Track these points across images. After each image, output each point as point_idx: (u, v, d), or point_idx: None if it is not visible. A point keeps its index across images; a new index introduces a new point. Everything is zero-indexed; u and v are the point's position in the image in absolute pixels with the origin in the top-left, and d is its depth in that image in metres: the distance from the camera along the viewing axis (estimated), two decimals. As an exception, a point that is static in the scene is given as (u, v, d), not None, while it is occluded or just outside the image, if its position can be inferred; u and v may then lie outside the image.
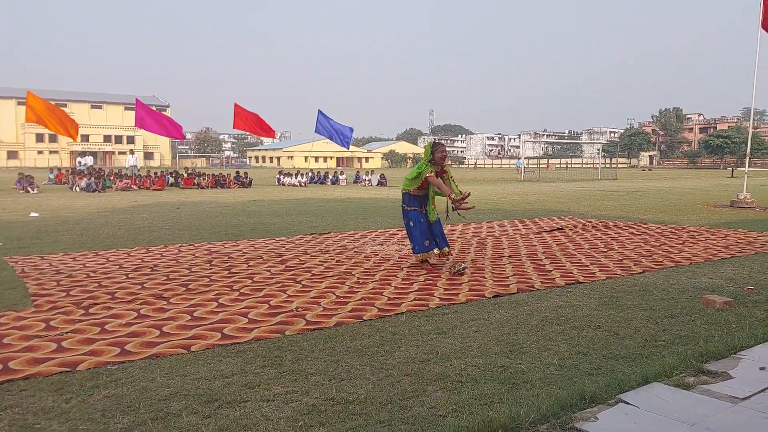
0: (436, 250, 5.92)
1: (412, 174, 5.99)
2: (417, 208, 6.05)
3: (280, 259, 6.61)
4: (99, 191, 21.59)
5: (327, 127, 26.20)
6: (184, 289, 5.15)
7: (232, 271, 5.94)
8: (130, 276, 5.70)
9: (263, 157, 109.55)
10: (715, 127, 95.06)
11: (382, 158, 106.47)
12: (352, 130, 26.53)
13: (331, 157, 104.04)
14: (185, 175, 26.48)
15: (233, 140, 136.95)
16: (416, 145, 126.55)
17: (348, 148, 27.84)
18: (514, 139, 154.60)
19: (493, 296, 4.84)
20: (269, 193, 21.19)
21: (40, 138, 78.02)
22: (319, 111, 26.27)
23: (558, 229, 9.45)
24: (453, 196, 5.68)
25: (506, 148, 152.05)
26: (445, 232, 9.17)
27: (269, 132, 25.15)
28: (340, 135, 26.23)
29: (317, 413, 2.82)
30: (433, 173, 5.89)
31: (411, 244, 5.96)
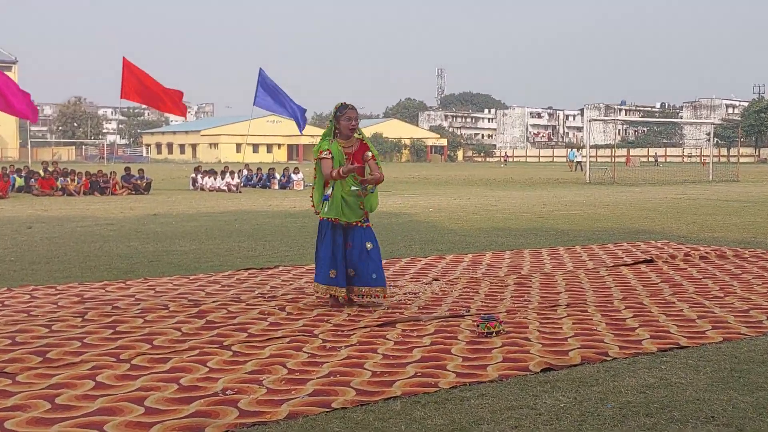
0: (341, 290, 6.56)
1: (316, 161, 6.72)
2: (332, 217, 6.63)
3: (197, 310, 6.60)
4: None
5: (274, 96, 26.25)
6: (41, 359, 5.10)
7: (118, 330, 5.91)
8: (-50, 338, 5.63)
9: (169, 145, 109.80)
10: None
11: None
12: (304, 110, 26.61)
13: (281, 146, 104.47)
14: (42, 174, 26.38)
15: (121, 118, 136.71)
16: (416, 125, 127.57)
17: (301, 131, 27.91)
18: (574, 116, 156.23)
19: (542, 369, 4.86)
20: (179, 203, 21.17)
21: None
22: (261, 72, 26.35)
23: (646, 261, 9.53)
24: (343, 171, 6.44)
25: (561, 131, 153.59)
26: (462, 263, 9.20)
27: (177, 106, 25.14)
28: (290, 110, 26.29)
29: None
30: (328, 152, 6.54)
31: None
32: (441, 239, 12.08)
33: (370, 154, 6.74)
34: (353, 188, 6.60)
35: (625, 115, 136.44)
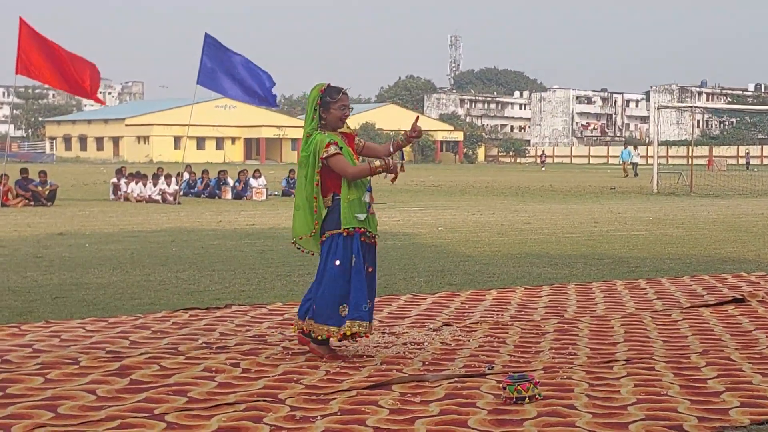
0: (334, 328, 6.71)
1: (302, 163, 6.82)
2: (338, 230, 6.76)
3: (118, 365, 6.56)
4: None
5: (225, 71, 26.26)
6: None
7: (9, 392, 5.87)
8: None
9: (82, 139, 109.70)
10: None
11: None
12: (271, 82, 26.60)
13: (235, 140, 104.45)
14: None
15: (17, 101, 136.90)
16: (421, 112, 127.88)
17: (274, 104, 27.94)
18: (638, 101, 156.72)
19: (593, 449, 4.84)
20: (95, 218, 21.11)
21: None
22: (207, 38, 26.39)
23: (735, 300, 9.53)
24: (387, 162, 6.76)
25: (619, 122, 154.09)
26: (483, 302, 9.18)
27: (82, 86, 25.03)
28: (248, 85, 26.28)
29: None
30: (335, 144, 6.66)
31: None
32: (454, 269, 12.05)
33: (361, 141, 6.99)
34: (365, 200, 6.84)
35: (707, 100, 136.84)
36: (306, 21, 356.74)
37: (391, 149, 6.90)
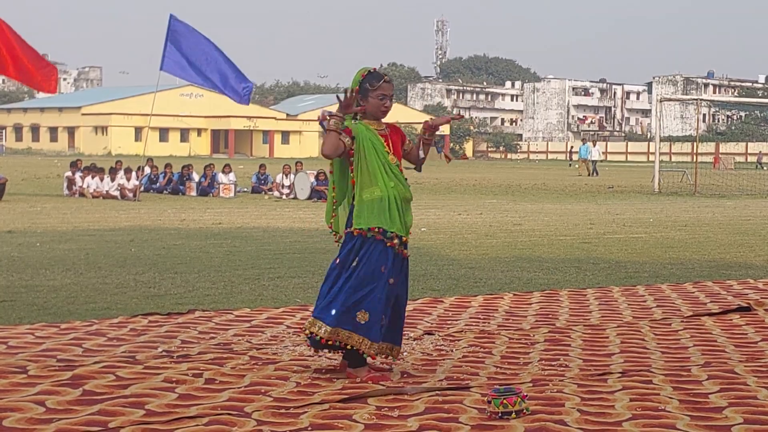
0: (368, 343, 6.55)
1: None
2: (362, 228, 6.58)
3: (69, 375, 6.54)
4: None
5: (193, 56, 26.20)
6: None
7: (-50, 403, 5.85)
8: None
9: (34, 129, 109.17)
10: None
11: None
12: (250, 86, 26.61)
13: (201, 131, 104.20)
14: None
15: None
16: (404, 103, 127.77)
17: (247, 103, 27.95)
18: (639, 93, 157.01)
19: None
20: (48, 215, 21.03)
21: None
22: (172, 20, 26.32)
23: (741, 309, 9.57)
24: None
25: (619, 115, 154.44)
26: (468, 309, 9.18)
27: (44, 73, 24.94)
28: (222, 76, 26.27)
29: None
30: (349, 132, 6.51)
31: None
32: (438, 273, 12.05)
33: (411, 144, 6.92)
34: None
35: (714, 92, 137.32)
36: (277, 1, 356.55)
37: (420, 149, 6.92)
